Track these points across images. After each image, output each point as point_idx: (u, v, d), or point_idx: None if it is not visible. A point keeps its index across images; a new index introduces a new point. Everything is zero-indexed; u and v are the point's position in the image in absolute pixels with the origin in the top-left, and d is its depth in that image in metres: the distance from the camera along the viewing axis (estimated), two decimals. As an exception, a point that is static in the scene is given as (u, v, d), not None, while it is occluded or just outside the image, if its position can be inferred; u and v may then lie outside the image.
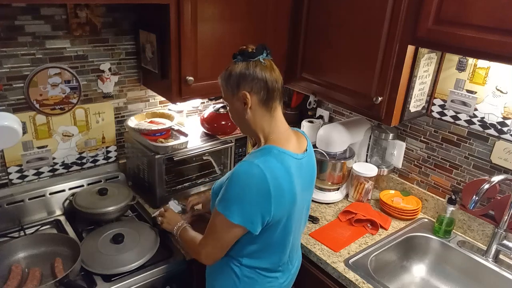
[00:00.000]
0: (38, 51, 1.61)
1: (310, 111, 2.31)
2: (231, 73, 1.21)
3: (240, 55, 1.21)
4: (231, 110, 1.27)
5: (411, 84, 1.55)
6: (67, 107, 1.74)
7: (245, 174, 1.13)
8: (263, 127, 1.24)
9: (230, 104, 1.26)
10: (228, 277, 1.29)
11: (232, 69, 1.21)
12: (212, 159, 2.00)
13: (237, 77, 1.19)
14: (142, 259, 1.49)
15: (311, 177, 1.33)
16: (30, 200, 1.71)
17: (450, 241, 1.71)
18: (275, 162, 1.15)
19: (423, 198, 1.89)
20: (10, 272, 1.37)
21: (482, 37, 1.21)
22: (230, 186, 1.15)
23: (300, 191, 1.23)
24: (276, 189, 1.13)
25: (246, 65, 1.19)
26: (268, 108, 1.22)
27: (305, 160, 1.26)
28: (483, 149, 1.65)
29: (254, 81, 1.18)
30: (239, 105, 1.22)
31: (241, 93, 1.19)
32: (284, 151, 1.19)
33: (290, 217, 1.23)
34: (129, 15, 1.77)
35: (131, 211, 1.81)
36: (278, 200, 1.14)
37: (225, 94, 1.25)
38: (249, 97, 1.19)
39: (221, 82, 1.25)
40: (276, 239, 1.24)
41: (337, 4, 1.64)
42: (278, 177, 1.13)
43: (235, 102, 1.23)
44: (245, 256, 1.26)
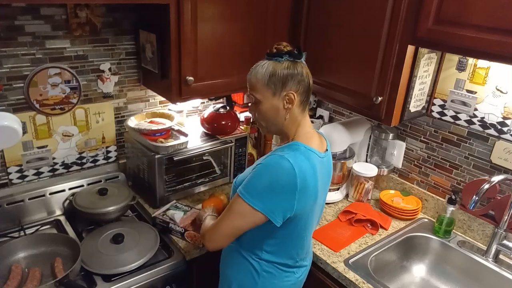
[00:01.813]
0: (38, 51, 1.61)
1: (310, 111, 2.31)
2: (275, 71, 1.18)
3: (288, 55, 1.19)
4: (263, 109, 1.23)
5: (411, 84, 1.55)
6: (67, 107, 1.74)
7: (276, 166, 1.14)
8: (293, 126, 1.25)
9: (264, 102, 1.22)
10: (247, 271, 1.30)
11: (276, 68, 1.18)
12: (212, 159, 2.00)
13: (284, 76, 1.18)
14: (142, 259, 1.49)
15: (329, 176, 1.36)
16: (30, 200, 1.71)
17: (450, 241, 1.71)
18: (303, 158, 1.17)
19: (423, 198, 1.89)
20: (10, 272, 1.37)
21: (482, 37, 1.21)
22: (258, 175, 1.16)
23: (321, 189, 1.27)
24: (302, 184, 1.15)
25: (292, 65, 1.19)
26: (303, 109, 1.25)
27: (326, 159, 1.29)
28: (483, 149, 1.65)
29: (301, 83, 1.20)
30: (278, 105, 1.20)
31: (287, 93, 1.19)
32: (311, 149, 1.22)
33: (311, 213, 1.26)
34: (129, 15, 1.77)
35: (131, 211, 1.81)
36: (302, 196, 1.16)
37: (261, 92, 1.21)
38: (295, 97, 1.19)
39: (258, 80, 1.20)
40: (296, 234, 1.27)
41: (337, 4, 1.64)
42: (305, 173, 1.16)
43: (275, 101, 1.20)
44: (265, 250, 1.27)
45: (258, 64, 1.22)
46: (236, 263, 1.33)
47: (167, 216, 1.69)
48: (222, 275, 1.41)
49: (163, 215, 1.70)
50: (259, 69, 1.21)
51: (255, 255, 1.29)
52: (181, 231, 1.62)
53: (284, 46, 1.21)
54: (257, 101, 1.23)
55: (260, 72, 1.20)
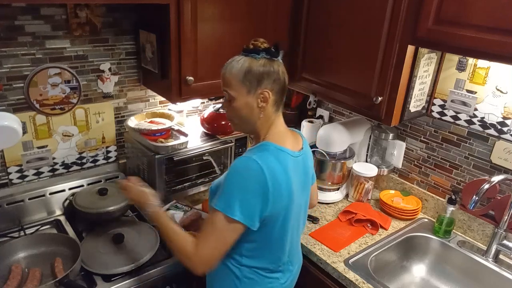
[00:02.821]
0: (38, 51, 1.61)
1: (310, 111, 2.31)
2: (251, 69, 1.15)
3: (265, 52, 1.17)
4: (237, 106, 1.19)
5: (411, 84, 1.55)
6: (67, 107, 1.74)
7: (243, 169, 1.12)
8: (266, 126, 1.23)
9: (239, 100, 1.18)
10: (228, 278, 1.27)
11: (253, 65, 1.15)
12: (212, 159, 2.00)
13: (260, 74, 1.15)
14: (142, 259, 1.49)
15: (306, 176, 1.32)
16: (30, 200, 1.71)
17: (450, 241, 1.71)
18: (272, 158, 1.15)
19: (423, 198, 1.89)
20: (10, 272, 1.37)
21: (482, 37, 1.21)
22: (229, 182, 1.13)
23: (297, 189, 1.23)
24: (274, 184, 1.12)
25: (269, 63, 1.16)
26: (277, 108, 1.22)
27: (301, 158, 1.26)
28: (483, 149, 1.64)
29: (276, 81, 1.17)
30: (252, 103, 1.18)
31: (261, 91, 1.16)
32: (281, 148, 1.19)
33: (288, 214, 1.22)
34: (129, 15, 1.77)
35: (131, 211, 1.81)
36: (276, 196, 1.14)
37: (236, 89, 1.17)
38: (270, 96, 1.17)
39: (233, 76, 1.17)
40: (274, 237, 1.23)
41: (337, 4, 1.64)
42: (275, 173, 1.13)
43: (249, 99, 1.17)
44: (244, 255, 1.24)
45: (234, 59, 1.19)
46: (217, 270, 1.28)
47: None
48: (207, 281, 1.38)
49: (163, 215, 1.69)
50: (234, 64, 1.17)
51: (235, 261, 1.25)
52: (181, 231, 1.62)
53: (261, 43, 1.18)
54: (231, 98, 1.19)
55: (235, 68, 1.17)
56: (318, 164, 1.92)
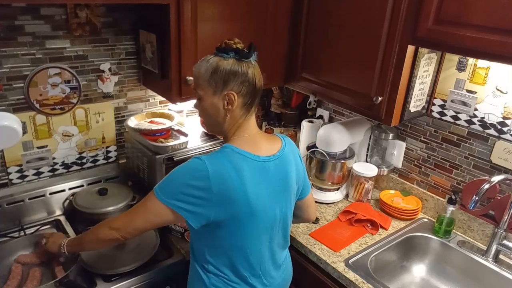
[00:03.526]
0: (38, 51, 1.61)
1: (310, 111, 2.31)
2: (217, 68, 1.12)
3: (234, 52, 1.13)
4: (204, 106, 1.18)
5: (411, 84, 1.55)
6: (67, 107, 1.74)
7: (191, 167, 1.11)
8: (233, 129, 1.19)
9: (205, 99, 1.16)
10: (198, 284, 1.26)
11: (220, 64, 1.12)
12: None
13: (226, 74, 1.11)
14: (142, 259, 1.49)
15: (284, 182, 1.24)
16: (30, 200, 1.71)
17: (450, 241, 1.71)
18: (222, 159, 1.12)
19: (423, 198, 1.89)
20: (10, 272, 1.37)
21: (482, 37, 1.21)
22: (174, 175, 1.13)
23: (267, 196, 1.18)
24: (219, 185, 1.09)
25: (238, 63, 1.13)
26: (247, 111, 1.18)
27: (272, 163, 1.20)
28: (483, 149, 1.65)
29: (244, 83, 1.13)
30: (218, 104, 1.15)
31: (227, 93, 1.13)
32: (239, 151, 1.15)
33: (247, 221, 1.16)
34: (129, 15, 1.77)
35: (131, 211, 1.81)
36: (222, 197, 1.10)
37: (203, 88, 1.15)
38: (236, 99, 1.13)
39: (201, 75, 1.15)
40: (232, 243, 1.18)
41: (337, 4, 1.64)
42: (223, 174, 1.09)
43: (215, 99, 1.15)
44: (209, 261, 1.22)
45: (205, 58, 1.16)
46: (191, 274, 1.29)
47: (167, 216, 1.68)
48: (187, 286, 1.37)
49: (163, 215, 1.69)
50: (203, 63, 1.15)
51: (203, 268, 1.24)
52: (181, 231, 1.62)
53: (234, 43, 1.14)
54: (199, 96, 1.18)
55: (203, 67, 1.14)
56: (318, 164, 1.92)
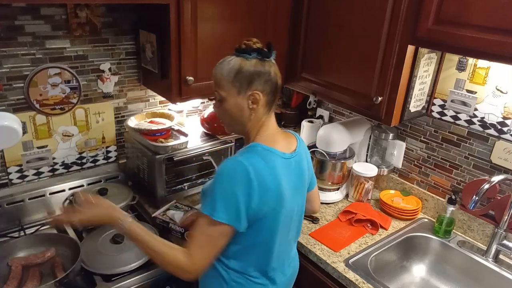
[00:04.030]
0: (38, 51, 1.61)
1: (310, 111, 2.31)
2: (241, 69, 1.13)
3: (256, 53, 1.14)
4: (227, 107, 1.18)
5: (411, 84, 1.55)
6: (67, 107, 1.74)
7: (229, 171, 1.11)
8: (256, 127, 1.21)
9: (228, 100, 1.17)
10: (216, 281, 1.25)
11: (243, 65, 1.13)
12: (212, 159, 2.00)
13: (250, 74, 1.13)
14: (142, 259, 1.49)
15: (300, 179, 1.28)
16: (30, 200, 1.71)
17: (450, 241, 1.71)
18: (258, 159, 1.13)
19: (423, 198, 1.89)
20: (10, 272, 1.37)
21: (482, 37, 1.21)
22: (214, 185, 1.11)
23: (290, 192, 1.21)
24: (260, 185, 1.10)
25: (260, 63, 1.14)
26: (268, 109, 1.20)
27: (293, 160, 1.23)
28: (483, 149, 1.65)
29: (267, 82, 1.15)
30: (243, 104, 1.16)
31: (252, 93, 1.14)
32: (269, 149, 1.17)
33: (276, 218, 1.19)
34: (129, 15, 1.77)
35: (131, 211, 1.81)
36: (262, 196, 1.12)
37: (226, 89, 1.16)
38: (261, 98, 1.15)
39: (223, 76, 1.15)
40: (260, 240, 1.20)
41: (337, 4, 1.64)
42: (261, 173, 1.11)
43: (239, 100, 1.15)
44: (231, 258, 1.22)
45: (225, 59, 1.17)
46: (208, 272, 1.24)
47: (167, 216, 1.69)
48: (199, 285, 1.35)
49: (163, 215, 1.70)
50: (225, 65, 1.15)
51: (223, 264, 1.23)
52: (181, 231, 1.62)
53: (254, 43, 1.16)
54: (221, 98, 1.17)
55: (225, 68, 1.14)
56: (318, 164, 1.92)
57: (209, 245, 1.13)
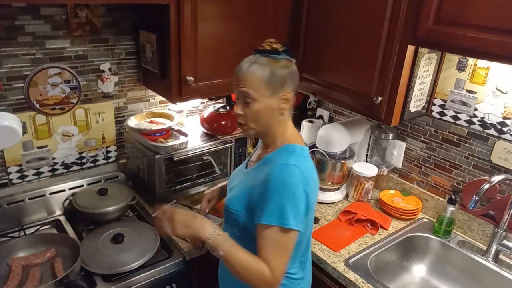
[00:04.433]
0: (38, 51, 1.61)
1: (310, 111, 2.31)
2: (275, 70, 1.13)
3: (285, 53, 1.16)
4: (257, 108, 1.15)
5: (411, 84, 1.55)
6: (67, 107, 1.74)
7: (287, 177, 1.10)
8: (281, 129, 1.21)
9: (260, 102, 1.14)
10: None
11: (275, 66, 1.13)
12: (212, 159, 2.00)
13: (285, 75, 1.14)
14: (142, 259, 1.49)
15: None
16: (30, 200, 1.71)
17: (450, 241, 1.71)
18: (303, 159, 1.16)
19: (423, 198, 1.89)
20: (10, 272, 1.37)
21: (482, 37, 1.21)
22: (276, 193, 1.09)
23: None
24: (312, 183, 1.15)
25: (290, 64, 1.17)
26: (291, 109, 1.23)
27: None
28: (483, 149, 1.64)
29: (295, 82, 1.18)
30: (274, 105, 1.15)
31: (285, 93, 1.15)
32: (304, 148, 1.21)
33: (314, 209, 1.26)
34: (129, 15, 1.77)
35: (131, 211, 1.81)
36: (314, 193, 1.18)
37: (258, 91, 1.13)
38: (292, 98, 1.18)
39: (256, 78, 1.13)
40: (306, 237, 1.25)
41: (337, 4, 1.64)
42: (311, 172, 1.16)
43: (271, 101, 1.15)
44: None
45: (253, 61, 1.15)
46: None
47: (167, 216, 1.68)
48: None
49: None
50: (255, 67, 1.13)
51: None
52: (181, 231, 1.62)
53: (276, 43, 1.17)
54: (251, 99, 1.15)
55: (258, 70, 1.13)
56: (318, 164, 1.92)
57: (285, 254, 1.13)
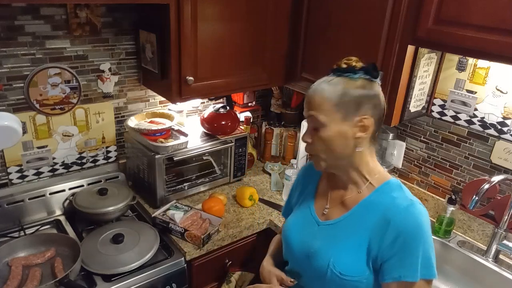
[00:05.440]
0: (38, 51, 1.61)
1: (310, 111, 2.30)
2: (347, 91, 0.97)
3: (363, 71, 0.99)
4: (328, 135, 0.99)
5: (411, 84, 1.55)
6: (67, 107, 1.74)
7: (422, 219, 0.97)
8: (367, 164, 1.04)
9: (331, 128, 0.99)
10: None
11: (349, 86, 0.97)
12: (212, 159, 2.00)
13: (359, 97, 0.97)
14: (142, 259, 1.49)
15: None
16: (30, 200, 1.71)
17: (450, 241, 1.71)
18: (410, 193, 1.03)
19: (423, 198, 1.89)
20: (10, 272, 1.37)
21: (482, 37, 1.21)
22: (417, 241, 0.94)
23: None
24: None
25: (369, 84, 0.99)
26: (373, 143, 1.04)
27: None
28: (483, 149, 1.64)
29: (377, 107, 0.99)
30: (348, 132, 0.98)
31: (361, 118, 0.97)
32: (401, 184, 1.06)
33: None
34: (129, 15, 1.77)
35: (131, 211, 1.81)
36: None
37: (328, 114, 0.98)
38: (371, 125, 0.98)
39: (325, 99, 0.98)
40: None
41: (337, 4, 1.64)
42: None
43: (345, 127, 0.98)
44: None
45: (323, 80, 1.02)
46: None
47: (167, 216, 1.69)
48: None
49: (163, 215, 1.70)
50: (325, 85, 0.99)
51: None
52: (181, 231, 1.62)
53: (355, 61, 1.02)
54: (320, 124, 0.99)
55: (327, 90, 0.98)
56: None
57: None
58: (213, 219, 1.70)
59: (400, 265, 0.94)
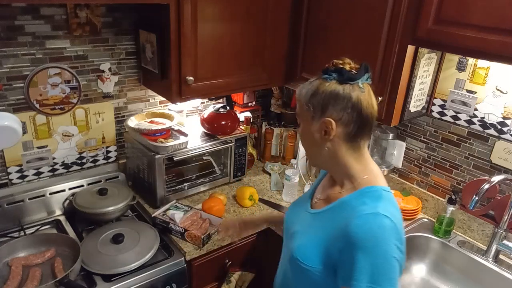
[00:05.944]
0: (38, 51, 1.61)
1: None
2: (317, 90, 0.98)
3: (336, 73, 0.98)
4: (304, 132, 1.04)
5: (411, 84, 1.55)
6: (67, 107, 1.74)
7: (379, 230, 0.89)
8: (350, 165, 1.01)
9: (304, 125, 1.03)
10: None
11: (320, 87, 0.98)
12: (212, 159, 2.00)
13: (325, 97, 0.96)
14: (142, 259, 1.49)
15: None
16: (30, 200, 1.71)
17: (450, 241, 1.71)
18: (391, 207, 0.95)
19: (423, 198, 1.89)
20: (10, 272, 1.37)
21: (482, 37, 1.22)
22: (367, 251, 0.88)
23: None
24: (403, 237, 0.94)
25: (340, 86, 0.97)
26: (354, 144, 1.00)
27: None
28: (483, 149, 1.64)
29: (346, 110, 0.96)
30: (315, 132, 1.00)
31: (324, 120, 0.97)
32: (389, 191, 1.00)
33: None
34: (129, 15, 1.77)
35: (131, 211, 1.81)
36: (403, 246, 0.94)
37: (302, 113, 1.03)
38: (333, 128, 0.97)
39: (301, 97, 1.02)
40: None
41: (337, 4, 1.64)
42: (400, 223, 0.95)
43: (312, 126, 1.00)
44: None
45: (309, 80, 1.04)
46: None
47: (167, 216, 1.69)
48: None
49: (163, 215, 1.70)
50: (306, 85, 1.02)
51: None
52: (181, 231, 1.62)
53: (343, 63, 1.00)
54: (299, 121, 1.05)
55: (305, 89, 1.01)
56: (318, 164, 1.92)
57: None
58: (213, 219, 1.70)
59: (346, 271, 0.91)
